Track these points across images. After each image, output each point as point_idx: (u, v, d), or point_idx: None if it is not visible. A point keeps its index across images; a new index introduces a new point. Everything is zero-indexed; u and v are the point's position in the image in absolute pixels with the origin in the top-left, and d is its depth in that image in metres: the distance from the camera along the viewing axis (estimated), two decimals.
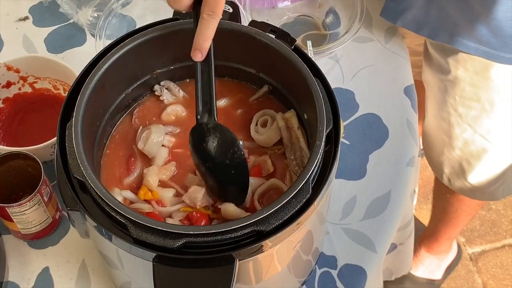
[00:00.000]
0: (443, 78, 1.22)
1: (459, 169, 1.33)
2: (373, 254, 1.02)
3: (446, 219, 1.64)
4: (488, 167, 1.30)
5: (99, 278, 0.98)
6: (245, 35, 0.86)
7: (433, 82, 1.26)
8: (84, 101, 0.80)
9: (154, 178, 0.86)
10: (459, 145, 1.28)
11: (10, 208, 0.93)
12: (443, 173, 1.37)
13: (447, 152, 1.31)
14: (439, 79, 1.23)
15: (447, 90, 1.22)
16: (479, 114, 1.22)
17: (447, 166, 1.35)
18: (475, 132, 1.24)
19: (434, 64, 1.23)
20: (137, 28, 0.87)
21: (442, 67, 1.21)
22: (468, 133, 1.25)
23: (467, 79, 1.18)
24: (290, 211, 0.74)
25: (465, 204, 1.54)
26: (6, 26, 1.25)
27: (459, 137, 1.27)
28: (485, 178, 1.33)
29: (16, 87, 1.09)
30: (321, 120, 0.79)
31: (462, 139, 1.27)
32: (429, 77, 1.27)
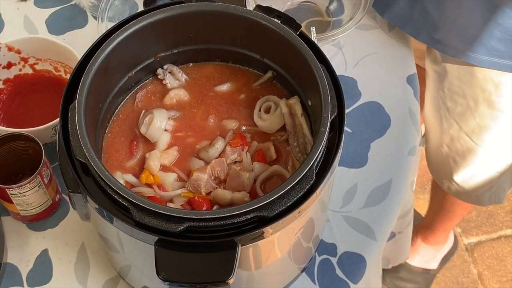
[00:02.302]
0: (436, 69, 1.22)
1: (447, 167, 1.33)
2: (373, 242, 1.02)
3: (442, 212, 1.64)
4: (474, 170, 1.30)
5: (98, 261, 0.98)
6: (250, 20, 0.85)
7: (429, 72, 1.27)
8: (87, 83, 0.79)
9: (156, 163, 0.86)
10: (446, 140, 1.28)
11: (10, 189, 0.92)
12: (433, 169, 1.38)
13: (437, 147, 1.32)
14: (433, 69, 1.24)
15: (439, 81, 1.23)
16: (464, 111, 1.21)
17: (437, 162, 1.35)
18: (461, 129, 1.24)
19: (431, 54, 1.24)
20: (141, 11, 0.87)
21: (436, 57, 1.21)
22: (455, 129, 1.25)
23: (455, 72, 1.18)
24: (293, 197, 0.74)
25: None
26: (7, 6, 1.24)
27: (447, 132, 1.27)
28: (470, 181, 1.33)
29: (16, 68, 1.09)
30: (325, 107, 0.78)
31: (449, 134, 1.27)
32: (427, 66, 1.27)
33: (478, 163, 1.28)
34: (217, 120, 0.90)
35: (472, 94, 1.18)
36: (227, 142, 0.88)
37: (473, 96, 1.18)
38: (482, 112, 1.20)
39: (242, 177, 0.84)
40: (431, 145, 1.36)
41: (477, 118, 1.20)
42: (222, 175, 0.85)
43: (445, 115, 1.24)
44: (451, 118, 1.23)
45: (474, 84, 1.17)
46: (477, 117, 1.20)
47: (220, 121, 0.90)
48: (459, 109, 1.21)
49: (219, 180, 0.85)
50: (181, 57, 0.93)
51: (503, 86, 1.15)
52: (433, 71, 1.24)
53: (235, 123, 0.90)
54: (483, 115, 1.20)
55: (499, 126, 1.21)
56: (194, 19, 0.87)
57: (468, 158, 1.27)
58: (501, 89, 1.15)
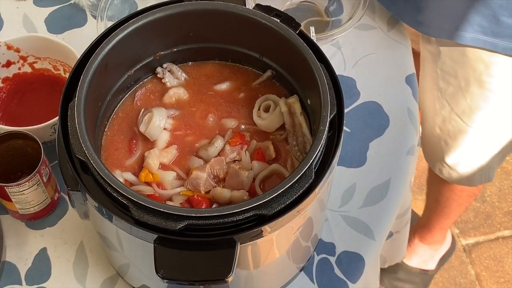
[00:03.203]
0: (430, 49, 1.23)
1: (439, 149, 1.33)
2: (372, 241, 1.02)
3: (438, 208, 1.64)
4: (465, 151, 1.31)
5: (97, 260, 0.98)
6: (249, 19, 0.85)
7: (424, 53, 1.27)
8: (86, 81, 0.79)
9: (155, 161, 0.86)
10: (438, 122, 1.29)
11: (9, 187, 0.92)
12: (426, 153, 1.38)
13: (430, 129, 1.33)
14: (427, 50, 1.24)
15: (433, 61, 1.23)
16: (456, 92, 1.22)
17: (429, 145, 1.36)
18: (452, 110, 1.24)
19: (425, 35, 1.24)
20: (140, 9, 0.87)
21: (430, 38, 1.21)
22: (446, 110, 1.25)
23: (447, 52, 1.19)
24: (293, 196, 0.74)
25: (455, 194, 1.54)
26: (6, 5, 1.24)
27: (439, 113, 1.27)
28: (462, 162, 1.33)
29: (16, 66, 1.09)
30: (325, 105, 0.78)
31: (441, 115, 1.27)
32: (422, 47, 1.28)
33: (469, 144, 1.29)
34: (216, 118, 0.90)
35: (463, 74, 1.19)
36: (226, 141, 0.88)
37: (465, 76, 1.19)
38: (473, 93, 1.20)
39: (241, 175, 0.84)
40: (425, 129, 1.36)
41: (468, 99, 1.21)
42: (221, 173, 0.85)
43: (437, 96, 1.25)
44: (443, 98, 1.24)
45: (466, 64, 1.17)
46: (468, 97, 1.21)
47: (220, 119, 0.90)
48: (451, 89, 1.22)
49: (218, 179, 0.85)
50: (180, 55, 0.93)
51: (494, 66, 1.15)
52: (427, 51, 1.24)
53: (234, 122, 0.90)
54: (473, 95, 1.21)
55: (489, 107, 1.22)
56: (194, 18, 0.87)
57: (459, 139, 1.28)
58: (492, 69, 1.16)
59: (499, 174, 2.08)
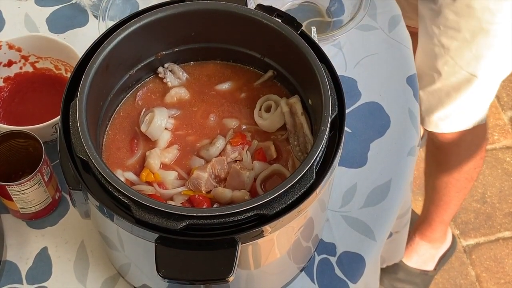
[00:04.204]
0: (432, 7, 1.23)
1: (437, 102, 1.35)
2: (372, 242, 1.02)
3: (437, 197, 1.63)
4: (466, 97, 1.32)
5: (98, 259, 0.98)
6: (251, 19, 0.86)
7: (424, 13, 1.28)
8: (88, 80, 0.79)
9: (156, 161, 0.86)
10: (440, 78, 1.29)
11: (10, 186, 0.92)
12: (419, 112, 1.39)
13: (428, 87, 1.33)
14: (429, 9, 1.25)
15: (434, 20, 1.23)
16: (460, 45, 1.23)
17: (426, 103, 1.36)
18: (456, 63, 1.25)
19: None
20: (142, 9, 0.87)
21: None
22: (450, 65, 1.26)
23: (451, 7, 1.19)
24: (294, 196, 0.74)
25: (454, 178, 1.54)
26: (7, 4, 1.24)
27: (441, 69, 1.28)
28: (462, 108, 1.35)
29: (17, 66, 1.09)
30: (326, 106, 0.78)
31: (444, 71, 1.28)
32: (421, 9, 1.28)
33: (472, 92, 1.30)
34: (217, 118, 0.90)
35: (468, 27, 1.20)
36: (227, 141, 0.88)
37: (469, 28, 1.20)
38: (478, 43, 1.21)
39: (242, 175, 0.84)
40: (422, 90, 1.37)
41: (473, 50, 1.22)
42: (223, 173, 0.85)
43: (440, 53, 1.26)
44: (446, 54, 1.25)
45: (471, 15, 1.18)
46: (474, 48, 1.22)
47: (221, 119, 0.90)
48: (455, 44, 1.23)
49: (220, 179, 0.85)
50: (182, 55, 0.93)
51: (500, 13, 1.16)
52: (429, 10, 1.25)
53: (235, 122, 0.90)
54: (479, 45, 1.22)
55: (494, 53, 1.23)
56: (195, 18, 0.87)
57: (463, 89, 1.29)
58: (497, 16, 1.17)
59: (499, 175, 2.08)
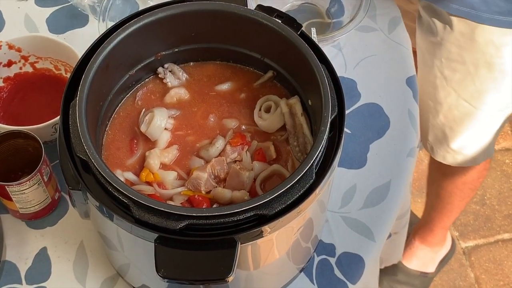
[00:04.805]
0: (432, 40, 1.23)
1: (442, 136, 1.33)
2: (371, 243, 1.02)
3: (440, 205, 1.64)
4: (471, 132, 1.31)
5: (97, 259, 0.98)
6: (251, 19, 0.86)
7: (423, 45, 1.27)
8: (88, 80, 0.79)
9: (156, 161, 0.86)
10: (443, 110, 1.29)
11: (9, 186, 0.92)
12: (427, 142, 1.38)
13: (432, 118, 1.32)
14: (428, 41, 1.24)
15: (435, 52, 1.23)
16: (464, 78, 1.22)
17: (431, 134, 1.35)
18: (459, 96, 1.24)
19: (424, 26, 1.24)
20: (142, 9, 0.87)
21: (431, 28, 1.21)
22: (452, 97, 1.25)
23: (453, 40, 1.19)
24: (293, 196, 0.74)
25: (458, 188, 1.54)
26: (7, 5, 1.24)
27: (443, 101, 1.27)
28: (468, 143, 1.34)
29: (17, 66, 1.09)
30: (326, 106, 0.78)
31: (446, 104, 1.27)
32: (420, 40, 1.28)
33: (476, 126, 1.29)
34: (217, 119, 0.90)
35: (471, 60, 1.19)
36: (227, 141, 0.88)
37: (473, 61, 1.19)
38: (482, 76, 1.20)
39: (242, 176, 0.84)
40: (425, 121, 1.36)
41: (476, 83, 1.21)
42: (222, 174, 0.85)
43: (442, 85, 1.25)
44: (448, 86, 1.24)
45: (475, 49, 1.18)
46: (477, 81, 1.21)
47: (220, 120, 0.90)
48: (458, 76, 1.22)
49: (219, 179, 0.85)
50: (182, 56, 0.93)
51: (504, 48, 1.16)
52: (428, 42, 1.24)
53: (235, 122, 0.90)
54: (483, 78, 1.21)
55: (498, 87, 1.22)
56: (196, 18, 0.87)
57: (466, 123, 1.28)
58: (502, 51, 1.16)
59: (498, 177, 2.08)
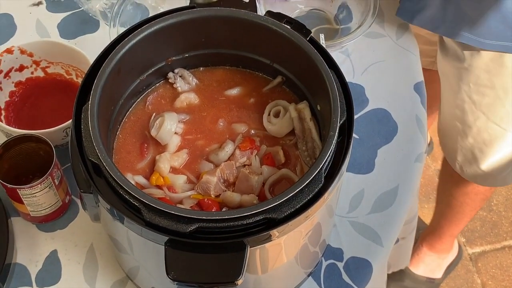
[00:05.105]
0: (458, 66, 1.23)
1: (472, 157, 1.34)
2: (379, 247, 1.03)
3: (451, 214, 1.64)
4: (501, 154, 1.31)
5: (107, 262, 0.99)
6: (261, 25, 0.87)
7: (448, 71, 1.27)
8: (100, 85, 0.80)
9: (166, 165, 0.87)
10: (472, 133, 1.29)
11: (21, 189, 0.93)
12: (455, 161, 1.38)
13: (460, 140, 1.32)
14: (454, 67, 1.24)
15: (462, 77, 1.23)
16: (493, 102, 1.22)
17: (460, 154, 1.36)
18: (488, 119, 1.25)
19: (449, 52, 1.24)
20: (154, 15, 0.88)
21: (457, 55, 1.22)
22: (482, 120, 1.26)
23: (482, 66, 1.19)
24: (302, 200, 0.75)
25: (470, 198, 1.54)
26: (19, 10, 1.25)
27: (473, 124, 1.28)
28: (497, 165, 1.34)
29: (28, 71, 1.10)
30: (335, 111, 0.79)
31: (476, 126, 1.28)
32: (444, 65, 1.28)
33: (504, 147, 1.30)
34: (226, 123, 0.91)
35: (501, 84, 1.20)
36: (236, 146, 0.89)
37: (503, 85, 1.20)
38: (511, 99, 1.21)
39: (251, 180, 0.85)
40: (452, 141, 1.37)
41: (507, 106, 1.22)
42: (231, 178, 0.86)
43: (470, 109, 1.26)
44: (477, 110, 1.25)
45: (504, 74, 1.18)
46: (507, 104, 1.22)
47: (230, 124, 0.91)
48: (487, 100, 1.23)
49: (228, 183, 0.86)
50: (192, 61, 0.94)
51: None
52: (454, 68, 1.24)
53: (244, 126, 0.91)
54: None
55: None
56: (206, 24, 0.88)
57: (497, 144, 1.29)
58: None
59: None
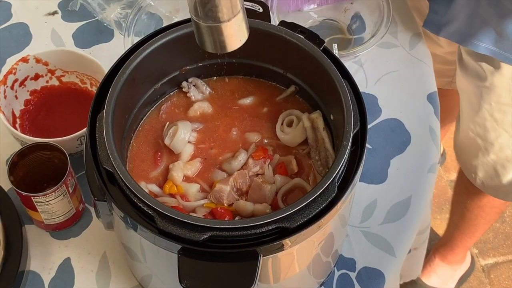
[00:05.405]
0: (479, 84, 1.23)
1: (494, 173, 1.33)
2: (392, 258, 1.02)
3: (464, 226, 1.63)
4: None
5: (120, 270, 0.99)
6: (274, 35, 0.87)
7: (468, 89, 1.27)
8: (115, 93, 0.81)
9: (179, 173, 0.87)
10: (494, 149, 1.29)
11: (35, 197, 0.94)
12: (476, 177, 1.38)
13: (481, 156, 1.32)
14: (474, 85, 1.24)
15: (483, 96, 1.23)
16: None
17: (481, 170, 1.35)
18: (511, 136, 1.24)
19: (469, 70, 1.24)
20: (168, 25, 0.89)
21: (478, 73, 1.21)
22: (504, 138, 1.26)
23: (504, 85, 1.19)
24: (315, 209, 0.75)
25: (485, 212, 1.53)
26: (35, 19, 1.27)
27: (495, 141, 1.28)
28: None
29: (43, 79, 1.11)
30: (348, 121, 0.79)
31: (498, 144, 1.28)
32: (464, 83, 1.28)
33: None
34: (240, 132, 0.92)
35: None
36: (249, 155, 0.89)
37: None
38: None
39: (264, 189, 0.85)
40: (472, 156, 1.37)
41: None
42: (244, 187, 0.86)
43: (492, 126, 1.26)
44: (499, 128, 1.25)
45: None
46: None
47: (243, 133, 0.92)
48: (509, 118, 1.23)
49: (241, 192, 0.86)
50: (205, 70, 0.95)
51: None
52: (475, 86, 1.25)
53: (257, 136, 0.91)
54: None
55: None
56: None
57: None
58: None
59: None
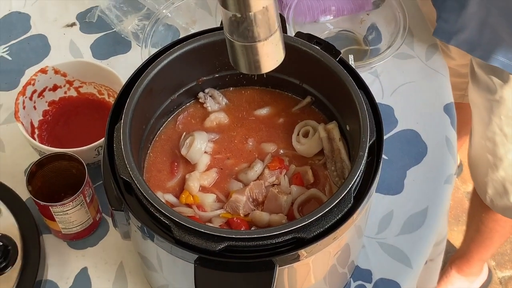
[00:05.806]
0: (489, 98, 1.22)
1: (503, 190, 1.32)
2: (409, 269, 1.02)
3: (480, 239, 1.62)
4: None
5: (136, 280, 1.00)
6: (290, 46, 0.87)
7: (479, 102, 1.26)
8: (132, 104, 0.82)
9: (195, 183, 0.88)
10: (503, 165, 1.28)
11: (53, 207, 0.95)
12: (486, 194, 1.37)
13: (491, 172, 1.31)
14: (485, 99, 1.24)
15: (493, 109, 1.23)
16: None
17: (491, 187, 1.34)
18: None
19: (480, 83, 1.24)
20: (185, 36, 0.89)
21: (489, 86, 1.21)
22: None
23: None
24: (331, 220, 0.75)
25: (499, 225, 1.52)
26: (53, 31, 1.28)
27: (504, 157, 1.27)
28: None
29: (62, 90, 1.12)
30: (364, 131, 0.79)
31: (507, 159, 1.27)
32: (475, 96, 1.27)
33: None
34: (256, 143, 0.92)
35: None
36: (265, 165, 0.89)
37: None
38: None
39: (280, 199, 0.85)
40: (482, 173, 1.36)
41: None
42: (260, 197, 0.87)
43: (501, 141, 1.25)
44: (509, 143, 1.24)
45: None
46: None
47: (259, 144, 0.92)
48: None
49: (257, 202, 0.87)
50: (222, 81, 0.95)
51: None
52: (485, 100, 1.24)
53: (273, 146, 0.92)
54: None
55: None
56: None
57: None
58: None
59: None
